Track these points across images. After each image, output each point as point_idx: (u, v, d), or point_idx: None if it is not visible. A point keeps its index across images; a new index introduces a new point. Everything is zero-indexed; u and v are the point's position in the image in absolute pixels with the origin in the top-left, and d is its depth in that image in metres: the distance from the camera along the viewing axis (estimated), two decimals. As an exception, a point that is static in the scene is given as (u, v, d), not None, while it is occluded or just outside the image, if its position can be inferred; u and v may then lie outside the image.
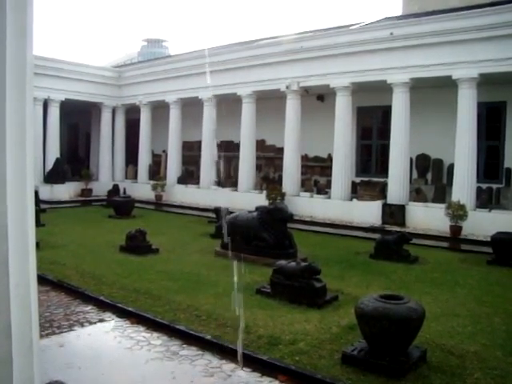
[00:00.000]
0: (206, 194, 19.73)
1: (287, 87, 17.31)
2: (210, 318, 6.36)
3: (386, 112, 16.95)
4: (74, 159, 26.52)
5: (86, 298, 7.36)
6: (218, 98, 19.87)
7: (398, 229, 13.36)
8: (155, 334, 5.97)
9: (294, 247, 10.03)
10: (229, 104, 19.55)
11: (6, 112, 2.01)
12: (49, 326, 6.14)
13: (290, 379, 4.82)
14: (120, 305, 6.88)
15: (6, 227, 2.07)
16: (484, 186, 15.07)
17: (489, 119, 15.70)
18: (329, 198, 16.73)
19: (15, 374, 2.10)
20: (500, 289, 8.24)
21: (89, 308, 7.02)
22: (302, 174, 18.30)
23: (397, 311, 4.76)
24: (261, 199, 16.03)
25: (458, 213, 13.00)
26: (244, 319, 6.24)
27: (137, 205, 18.00)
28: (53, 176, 21.16)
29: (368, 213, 15.33)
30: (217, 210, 14.75)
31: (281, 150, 18.55)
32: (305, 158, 18.98)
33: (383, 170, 16.82)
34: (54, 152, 21.72)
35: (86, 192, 22.25)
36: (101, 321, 6.51)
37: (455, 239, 12.98)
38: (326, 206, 16.43)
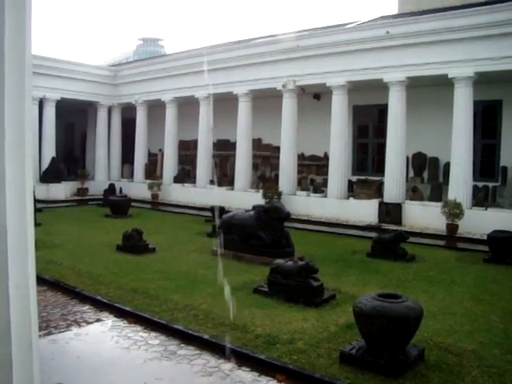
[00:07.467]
0: (203, 193, 19.70)
1: (283, 86, 17.31)
2: (207, 317, 6.35)
3: (382, 110, 16.98)
4: (69, 158, 26.45)
5: (83, 298, 7.34)
6: (214, 97, 19.82)
7: (394, 227, 13.40)
8: (153, 334, 5.96)
9: (290, 246, 10.03)
10: (225, 103, 19.53)
11: (5, 111, 2.00)
12: (46, 327, 6.11)
13: (288, 378, 4.81)
14: (117, 304, 6.86)
15: (5, 228, 2.05)
16: (480, 184, 15.11)
17: (485, 117, 15.75)
18: (325, 196, 16.75)
19: (15, 375, 2.09)
20: (496, 287, 8.26)
21: (86, 308, 6.99)
22: (299, 172, 18.31)
23: (395, 310, 4.76)
24: (257, 198, 16.01)
25: (454, 211, 13.04)
26: (242, 318, 6.25)
27: (133, 204, 17.96)
28: (49, 175, 21.09)
29: (364, 211, 15.36)
30: (213, 209, 14.73)
31: (277, 149, 18.56)
32: (301, 156, 18.98)
33: (379, 168, 16.85)
34: (49, 151, 21.67)
35: (82, 191, 22.19)
36: (98, 321, 6.48)
37: (452, 237, 13.02)
38: (322, 205, 16.44)
